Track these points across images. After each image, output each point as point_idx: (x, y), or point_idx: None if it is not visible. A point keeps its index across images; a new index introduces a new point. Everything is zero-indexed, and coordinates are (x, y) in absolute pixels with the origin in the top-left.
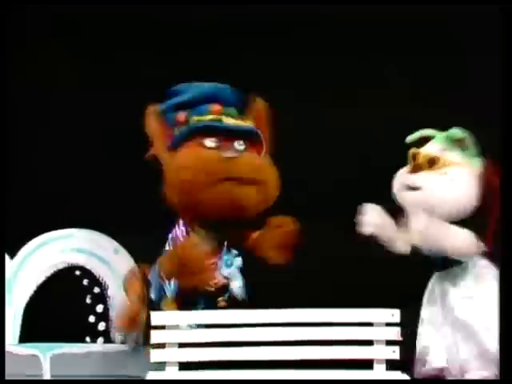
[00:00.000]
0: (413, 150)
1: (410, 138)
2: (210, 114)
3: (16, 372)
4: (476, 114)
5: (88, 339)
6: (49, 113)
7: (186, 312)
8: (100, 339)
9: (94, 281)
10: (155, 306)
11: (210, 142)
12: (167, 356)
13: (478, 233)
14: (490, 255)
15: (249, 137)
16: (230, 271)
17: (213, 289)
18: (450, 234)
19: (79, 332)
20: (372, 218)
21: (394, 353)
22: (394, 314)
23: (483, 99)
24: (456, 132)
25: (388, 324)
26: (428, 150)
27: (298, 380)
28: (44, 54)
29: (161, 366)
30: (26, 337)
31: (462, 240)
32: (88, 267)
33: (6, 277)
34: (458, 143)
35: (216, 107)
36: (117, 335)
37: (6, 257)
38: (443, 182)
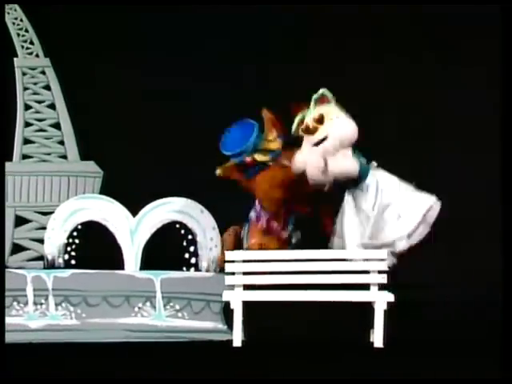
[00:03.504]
0: (305, 123)
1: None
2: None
3: (138, 289)
4: (476, 113)
5: (184, 268)
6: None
7: (245, 251)
8: (192, 269)
9: (188, 231)
10: None
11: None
12: (235, 280)
13: None
14: None
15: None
16: (291, 228)
17: None
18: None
19: (178, 264)
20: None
21: (383, 279)
22: (383, 253)
23: (483, 98)
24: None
25: (379, 259)
26: (311, 116)
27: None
28: None
29: (231, 287)
30: (143, 266)
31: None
32: (184, 222)
33: (130, 228)
34: (321, 100)
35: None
36: (203, 267)
37: (130, 214)
38: (335, 123)
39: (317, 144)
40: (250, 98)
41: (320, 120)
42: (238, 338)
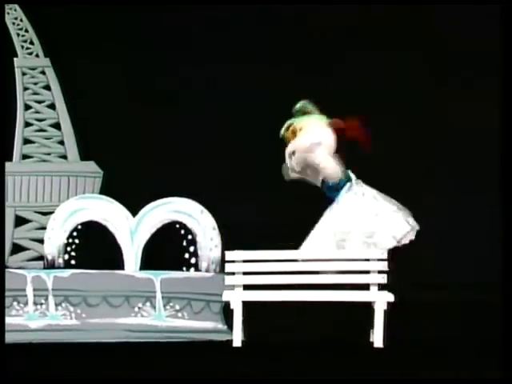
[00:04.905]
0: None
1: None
2: None
3: (138, 289)
4: (475, 112)
5: (184, 269)
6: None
7: (245, 251)
8: (192, 269)
9: (188, 231)
10: None
11: None
12: (235, 280)
13: None
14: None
15: None
16: None
17: None
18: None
19: (178, 264)
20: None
21: (383, 279)
22: (383, 253)
23: (482, 98)
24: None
25: (379, 259)
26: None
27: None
28: None
29: (231, 287)
30: (143, 266)
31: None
32: (183, 222)
33: (130, 228)
34: (301, 112)
35: None
36: (203, 267)
37: (130, 214)
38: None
39: (290, 156)
40: (249, 98)
41: (294, 132)
42: (237, 338)
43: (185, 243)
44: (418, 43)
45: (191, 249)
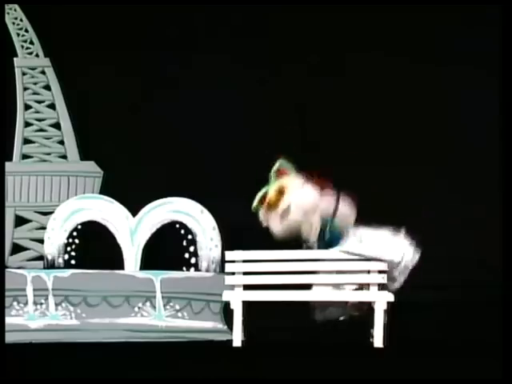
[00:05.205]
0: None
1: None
2: None
3: (138, 289)
4: (475, 113)
5: (184, 269)
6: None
7: (245, 251)
8: (192, 269)
9: (188, 231)
10: None
11: None
12: (235, 280)
13: None
14: None
15: None
16: None
17: None
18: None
19: (178, 264)
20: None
21: (383, 279)
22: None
23: (482, 98)
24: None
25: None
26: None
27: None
28: None
29: (231, 287)
30: (143, 266)
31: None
32: (184, 222)
33: (130, 228)
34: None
35: None
36: (203, 267)
37: (130, 215)
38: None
39: (282, 215)
40: (249, 99)
41: (281, 191)
42: (237, 338)
43: (185, 243)
44: (418, 43)
45: (191, 249)
